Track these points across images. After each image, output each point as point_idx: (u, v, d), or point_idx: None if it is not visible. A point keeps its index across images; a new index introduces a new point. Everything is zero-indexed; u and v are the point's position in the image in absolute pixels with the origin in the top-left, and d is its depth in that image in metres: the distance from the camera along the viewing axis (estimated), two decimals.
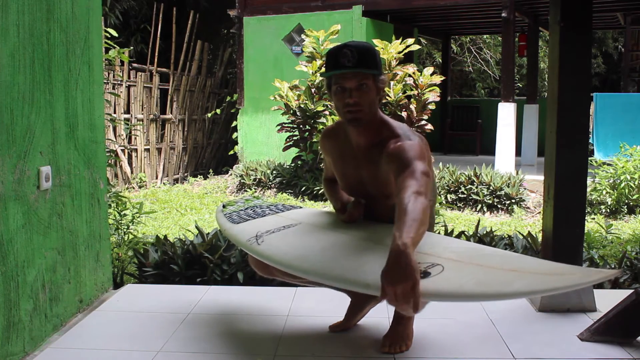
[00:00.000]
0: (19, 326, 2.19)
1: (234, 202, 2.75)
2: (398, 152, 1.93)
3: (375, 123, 2.05)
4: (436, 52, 16.07)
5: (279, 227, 2.23)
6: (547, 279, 1.53)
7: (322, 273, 1.83)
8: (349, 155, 2.14)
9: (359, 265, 1.78)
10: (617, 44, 17.13)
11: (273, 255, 2.02)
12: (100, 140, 2.90)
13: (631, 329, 2.28)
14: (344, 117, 2.02)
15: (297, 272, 1.93)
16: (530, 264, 1.64)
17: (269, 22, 8.85)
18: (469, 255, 1.72)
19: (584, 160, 2.62)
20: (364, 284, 1.70)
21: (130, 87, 8.06)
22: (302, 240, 2.08)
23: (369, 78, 1.97)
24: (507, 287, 1.52)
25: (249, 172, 7.59)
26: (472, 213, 6.21)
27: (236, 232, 2.31)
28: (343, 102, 1.98)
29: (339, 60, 1.95)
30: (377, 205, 2.15)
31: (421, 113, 6.73)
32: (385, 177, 2.04)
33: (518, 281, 1.53)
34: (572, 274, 1.57)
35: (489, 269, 1.62)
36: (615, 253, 4.20)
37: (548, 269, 1.61)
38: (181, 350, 2.28)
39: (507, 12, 8.14)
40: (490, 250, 1.81)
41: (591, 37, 2.69)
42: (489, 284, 1.55)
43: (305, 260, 1.93)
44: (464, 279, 1.58)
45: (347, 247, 1.95)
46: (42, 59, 2.36)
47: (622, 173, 6.02)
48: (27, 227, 2.24)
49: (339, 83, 1.98)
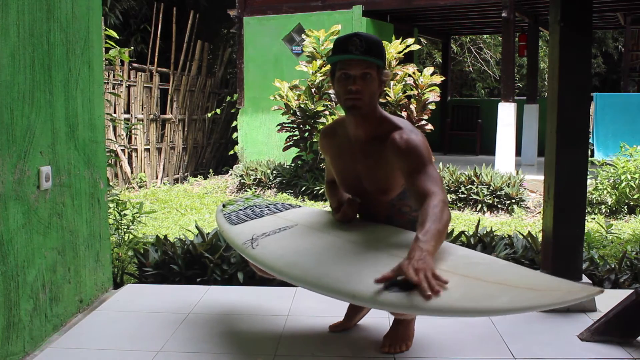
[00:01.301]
0: (19, 326, 2.19)
1: (234, 201, 2.75)
2: (410, 148, 1.95)
3: (375, 117, 2.07)
4: (436, 52, 16.07)
5: (274, 230, 2.23)
6: (531, 295, 1.51)
7: (311, 281, 1.83)
8: (346, 150, 2.15)
9: (348, 274, 1.77)
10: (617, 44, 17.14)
11: (266, 260, 2.02)
12: (100, 140, 2.90)
13: (631, 329, 2.28)
14: (344, 104, 2.03)
15: (287, 278, 1.93)
16: (515, 276, 1.63)
17: (269, 22, 8.85)
18: (456, 265, 1.71)
19: (584, 160, 2.62)
20: (351, 295, 1.70)
21: (130, 87, 8.05)
22: (296, 244, 2.07)
23: (373, 68, 1.99)
24: (491, 302, 1.51)
25: (249, 172, 7.59)
26: (472, 213, 6.21)
27: (233, 234, 2.31)
28: (345, 88, 1.99)
29: (347, 47, 1.96)
30: (373, 203, 2.15)
31: (421, 113, 6.73)
32: (385, 171, 2.04)
33: (502, 296, 1.52)
34: (556, 290, 1.54)
35: (474, 281, 1.60)
36: (615, 253, 4.20)
37: (532, 282, 1.58)
38: (181, 350, 2.28)
39: (507, 12, 8.13)
40: (478, 258, 1.80)
41: (591, 37, 2.69)
42: (475, 298, 1.53)
43: (296, 266, 1.92)
44: (450, 291, 1.57)
45: (339, 253, 1.94)
46: (42, 59, 2.36)
47: (623, 173, 6.02)
48: (27, 227, 2.24)
49: (344, 69, 1.99)
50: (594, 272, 3.16)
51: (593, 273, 3.14)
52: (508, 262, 1.79)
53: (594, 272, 3.16)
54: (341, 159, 2.19)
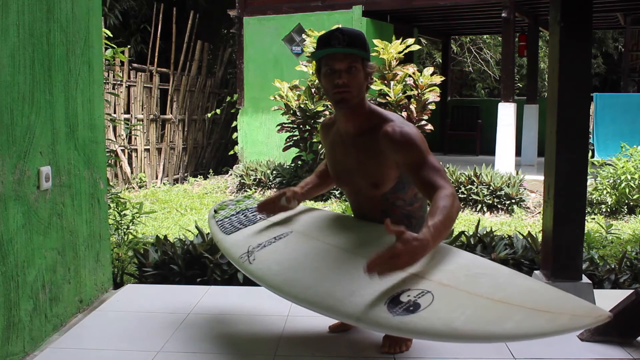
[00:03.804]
0: (19, 326, 2.19)
1: (225, 205, 2.69)
2: (406, 141, 1.96)
3: (364, 110, 2.08)
4: (436, 52, 16.07)
5: (269, 239, 2.20)
6: (537, 321, 1.45)
7: (312, 301, 1.79)
8: (338, 144, 2.17)
9: (349, 293, 1.72)
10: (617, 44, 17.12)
11: (264, 276, 2.01)
12: (100, 140, 2.90)
13: (631, 329, 2.28)
14: (333, 98, 2.04)
15: (287, 297, 1.91)
16: (519, 291, 1.57)
17: (269, 22, 8.85)
18: (457, 277, 1.67)
19: (584, 160, 2.62)
20: (355, 318, 1.66)
21: (130, 87, 8.06)
22: (293, 257, 2.04)
23: (357, 61, 2.00)
24: (497, 327, 1.46)
25: (249, 172, 7.59)
26: (472, 213, 6.21)
27: (229, 245, 2.29)
28: (332, 83, 2.01)
29: (330, 41, 1.98)
30: (367, 198, 2.14)
31: (421, 113, 6.73)
32: (377, 164, 2.04)
33: (507, 321, 1.46)
34: (562, 314, 1.47)
35: (479, 300, 1.55)
36: (615, 253, 4.20)
37: (538, 301, 1.52)
38: (181, 350, 2.28)
39: (507, 12, 8.13)
40: (480, 267, 1.73)
41: (591, 37, 2.69)
42: (479, 322, 1.48)
43: (295, 284, 1.89)
44: (455, 312, 1.52)
45: (338, 268, 1.89)
46: (42, 59, 2.36)
47: (623, 173, 6.02)
48: (27, 227, 2.24)
49: (329, 65, 2.00)
50: (594, 272, 3.16)
51: (593, 273, 3.14)
52: (510, 270, 1.73)
53: (594, 272, 3.16)
54: (334, 153, 2.21)
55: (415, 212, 2.15)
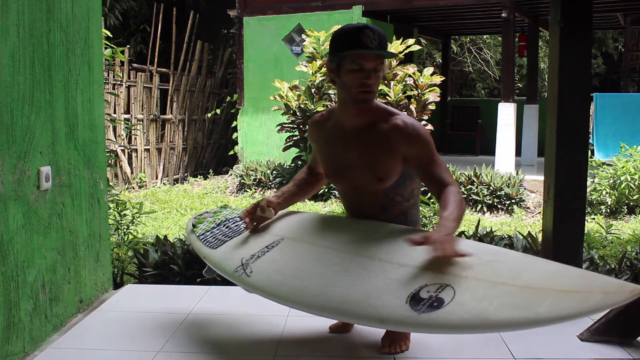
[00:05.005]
0: (19, 326, 2.19)
1: (203, 218, 2.55)
2: (418, 135, 2.02)
3: (373, 105, 2.10)
4: (436, 52, 16.07)
5: (262, 249, 2.10)
6: (571, 302, 1.41)
7: (328, 308, 1.72)
8: (339, 139, 2.14)
9: (365, 296, 1.65)
10: (617, 44, 17.12)
11: (268, 288, 1.93)
12: (100, 140, 2.90)
13: (631, 329, 2.28)
14: (356, 96, 2.02)
15: (297, 307, 1.86)
16: (539, 274, 1.53)
17: (269, 22, 8.85)
18: (472, 267, 1.62)
19: (584, 160, 2.62)
20: (379, 319, 1.60)
21: (130, 87, 8.06)
22: (293, 264, 1.96)
23: (383, 62, 2.03)
24: (530, 313, 1.41)
25: (249, 172, 7.59)
26: (472, 213, 6.21)
27: (219, 260, 2.19)
28: (360, 81, 1.99)
29: (360, 39, 1.95)
30: (366, 194, 2.12)
31: (421, 113, 6.73)
32: (384, 156, 2.04)
33: (539, 306, 1.42)
34: (593, 292, 1.42)
35: (502, 287, 1.50)
36: (615, 253, 4.20)
37: (562, 282, 1.48)
38: (181, 350, 2.28)
39: (507, 12, 8.13)
40: (490, 254, 1.71)
41: (591, 37, 2.69)
42: (510, 309, 1.43)
43: (304, 292, 1.82)
44: (483, 303, 1.47)
45: (345, 271, 1.82)
46: (42, 59, 2.36)
47: (622, 173, 6.02)
48: (27, 227, 2.24)
49: (358, 63, 1.97)
50: (594, 272, 3.15)
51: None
52: (519, 253, 1.71)
53: (594, 272, 3.15)
54: (331, 148, 2.17)
55: (410, 208, 2.16)
